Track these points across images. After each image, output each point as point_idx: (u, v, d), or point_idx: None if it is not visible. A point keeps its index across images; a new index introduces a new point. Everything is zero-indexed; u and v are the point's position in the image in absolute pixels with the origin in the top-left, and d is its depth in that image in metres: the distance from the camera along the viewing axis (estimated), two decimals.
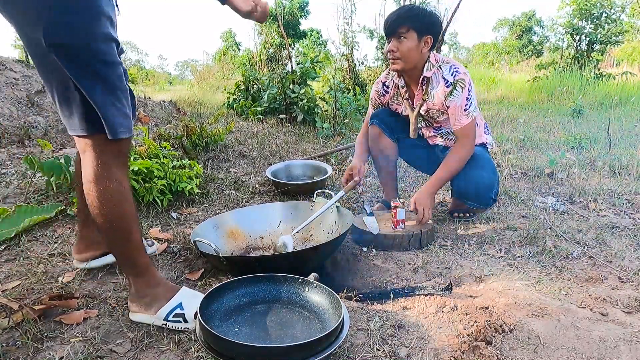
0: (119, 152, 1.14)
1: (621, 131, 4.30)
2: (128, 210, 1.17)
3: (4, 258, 1.69)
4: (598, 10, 9.00)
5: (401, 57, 1.91)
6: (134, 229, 1.20)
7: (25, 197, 2.24)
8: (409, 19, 1.86)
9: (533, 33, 27.36)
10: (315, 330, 1.21)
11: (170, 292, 1.28)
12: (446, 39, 6.54)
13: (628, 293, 1.44)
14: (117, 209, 1.15)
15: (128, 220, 1.17)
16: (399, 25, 1.87)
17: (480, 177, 1.98)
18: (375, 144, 2.20)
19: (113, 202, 1.13)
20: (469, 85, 1.90)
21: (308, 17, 21.73)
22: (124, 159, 1.17)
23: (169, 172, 2.28)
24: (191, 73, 16.98)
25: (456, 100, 1.89)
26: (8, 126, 3.31)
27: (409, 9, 1.90)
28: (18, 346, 1.16)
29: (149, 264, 1.27)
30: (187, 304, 1.25)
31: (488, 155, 2.10)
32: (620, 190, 2.59)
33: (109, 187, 1.12)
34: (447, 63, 1.94)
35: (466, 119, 1.91)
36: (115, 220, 1.16)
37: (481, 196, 2.03)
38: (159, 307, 1.24)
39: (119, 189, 1.14)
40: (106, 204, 1.13)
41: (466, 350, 1.14)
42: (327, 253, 1.73)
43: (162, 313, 1.23)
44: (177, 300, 1.26)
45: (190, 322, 1.23)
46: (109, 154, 1.12)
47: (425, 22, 1.87)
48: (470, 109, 1.90)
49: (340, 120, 4.51)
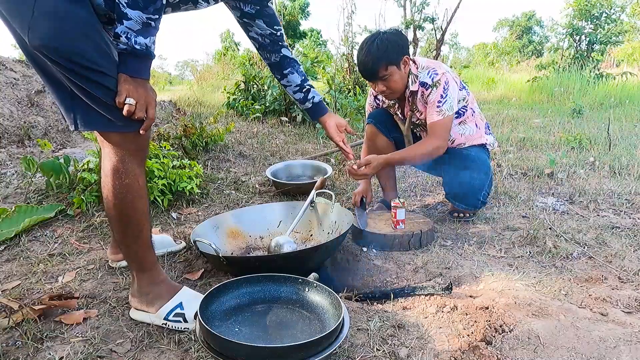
0: (136, 147, 1.15)
1: (621, 131, 4.30)
2: (141, 206, 1.18)
3: (4, 258, 1.69)
4: (598, 10, 9.01)
5: (393, 91, 1.94)
6: (145, 226, 1.20)
7: (25, 197, 2.24)
8: (382, 58, 1.84)
9: (533, 33, 27.37)
10: (315, 330, 1.21)
11: (172, 291, 1.28)
12: (446, 39, 6.54)
13: (628, 293, 1.44)
14: (131, 204, 1.15)
15: (140, 216, 1.18)
16: (376, 71, 1.87)
17: (469, 179, 1.99)
18: (372, 143, 2.22)
19: (127, 197, 1.14)
20: (445, 84, 1.89)
21: (308, 18, 21.76)
22: (142, 155, 1.18)
23: (169, 172, 2.29)
24: (191, 73, 16.96)
25: (431, 97, 1.91)
26: (8, 126, 3.31)
27: (375, 50, 1.85)
28: (18, 346, 1.16)
29: (155, 261, 1.28)
30: (187, 304, 1.25)
31: (484, 156, 2.10)
32: (620, 190, 2.59)
33: (125, 182, 1.13)
34: (426, 68, 1.94)
35: (437, 116, 1.91)
36: (127, 215, 1.16)
37: (469, 198, 2.05)
38: (160, 305, 1.24)
39: (135, 185, 1.15)
40: (120, 198, 1.14)
41: (466, 350, 1.14)
42: (327, 253, 1.73)
43: (163, 312, 1.23)
44: (178, 300, 1.26)
45: (190, 323, 1.23)
46: (126, 149, 1.13)
47: (395, 50, 1.86)
48: (443, 107, 1.90)
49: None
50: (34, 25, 0.98)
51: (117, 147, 1.12)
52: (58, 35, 0.99)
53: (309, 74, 5.33)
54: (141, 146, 1.17)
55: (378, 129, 2.17)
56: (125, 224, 1.18)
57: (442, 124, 1.92)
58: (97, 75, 1.03)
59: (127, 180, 1.13)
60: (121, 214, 1.16)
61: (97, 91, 1.05)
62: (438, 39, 6.24)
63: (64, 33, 1.00)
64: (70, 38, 1.01)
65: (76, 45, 1.01)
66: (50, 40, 0.99)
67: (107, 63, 1.05)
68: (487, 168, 2.06)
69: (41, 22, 0.98)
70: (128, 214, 1.17)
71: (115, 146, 1.12)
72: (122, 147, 1.12)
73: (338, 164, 3.39)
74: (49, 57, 1.01)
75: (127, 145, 1.13)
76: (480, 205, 2.10)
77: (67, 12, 1.00)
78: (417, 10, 6.82)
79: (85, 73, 1.03)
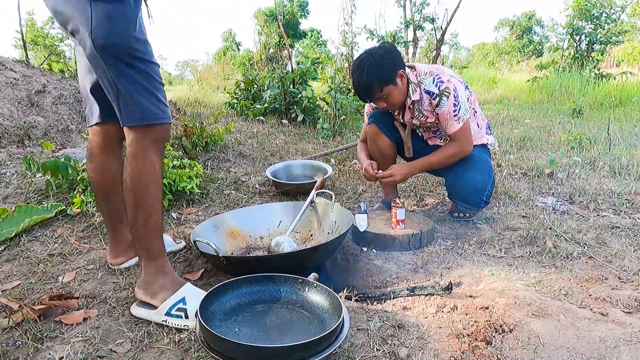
0: (155, 137, 1.27)
1: (621, 131, 4.30)
2: (154, 191, 1.28)
3: (4, 258, 1.69)
4: (598, 10, 9.00)
5: (394, 105, 1.95)
6: (155, 210, 1.29)
7: (25, 197, 2.24)
8: (375, 81, 1.84)
9: (533, 33, 27.37)
10: (315, 330, 1.21)
11: (177, 284, 1.31)
12: (446, 39, 6.53)
13: (628, 293, 1.44)
14: (144, 188, 1.26)
15: (152, 200, 1.27)
16: (372, 94, 1.87)
17: (472, 179, 2.00)
18: (374, 143, 2.21)
19: (142, 181, 1.25)
20: (454, 92, 1.88)
21: (308, 17, 21.74)
22: (160, 145, 1.30)
23: (169, 172, 2.29)
24: (191, 73, 16.98)
25: (444, 108, 1.90)
26: (8, 126, 3.31)
27: (367, 74, 1.83)
28: (18, 346, 1.16)
29: (163, 251, 1.33)
30: (190, 300, 1.26)
31: (485, 156, 2.10)
32: (620, 190, 2.59)
33: (142, 167, 1.25)
34: (429, 75, 1.93)
35: (457, 124, 1.92)
36: (140, 197, 1.26)
37: (472, 198, 2.05)
38: (165, 298, 1.26)
39: (151, 170, 1.26)
40: (136, 181, 1.25)
41: (466, 350, 1.14)
42: (327, 253, 1.73)
43: (167, 305, 1.25)
44: (182, 295, 1.27)
45: (190, 320, 1.23)
46: (147, 140, 1.26)
47: (388, 70, 1.84)
48: (460, 113, 1.90)
49: (340, 120, 4.52)
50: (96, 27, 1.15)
51: (140, 136, 1.25)
52: (114, 33, 1.16)
53: (309, 73, 5.33)
54: (160, 138, 1.29)
55: (380, 129, 2.16)
56: (137, 206, 1.27)
57: (464, 129, 1.93)
58: (143, 64, 1.21)
59: (145, 165, 1.25)
60: (135, 197, 1.26)
61: (144, 80, 1.22)
62: (438, 39, 6.24)
63: (118, 30, 1.17)
64: (121, 34, 1.17)
65: (127, 38, 1.18)
66: (108, 39, 1.16)
67: (148, 50, 1.23)
68: (489, 168, 2.06)
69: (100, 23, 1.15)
70: (141, 196, 1.26)
71: (139, 135, 1.25)
72: (144, 138, 1.25)
73: (338, 164, 3.39)
74: (110, 54, 1.17)
75: (150, 135, 1.26)
76: (483, 205, 2.10)
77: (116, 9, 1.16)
78: (417, 11, 6.82)
79: (136, 63, 1.20)
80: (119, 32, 1.17)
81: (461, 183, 2.02)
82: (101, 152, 1.49)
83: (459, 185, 2.04)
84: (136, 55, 1.20)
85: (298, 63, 6.13)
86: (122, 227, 1.58)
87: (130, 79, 1.21)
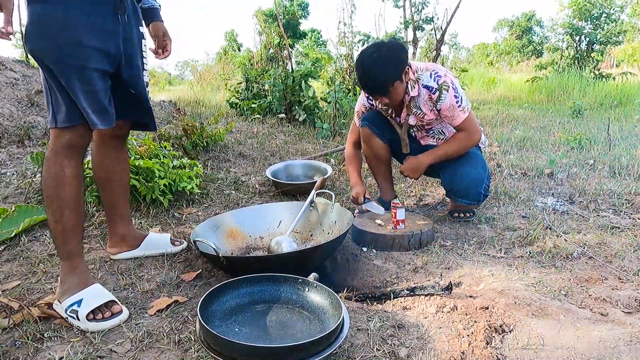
0: (67, 142, 1.29)
1: (621, 131, 4.30)
2: (63, 195, 1.29)
3: (4, 258, 1.69)
4: (598, 10, 9.01)
5: (395, 101, 1.95)
6: (64, 214, 1.30)
7: (25, 197, 2.24)
8: (388, 77, 1.83)
9: (533, 33, 27.36)
10: (315, 330, 1.21)
11: (82, 285, 1.31)
12: (446, 39, 6.52)
13: (628, 293, 1.44)
14: (52, 191, 1.29)
15: (61, 204, 1.29)
16: (381, 89, 1.86)
17: (468, 174, 2.01)
18: (367, 145, 2.22)
19: (51, 184, 1.29)
20: (452, 84, 1.91)
21: (308, 18, 21.75)
22: (74, 150, 1.31)
23: (169, 172, 2.28)
24: (191, 73, 16.97)
25: (446, 101, 1.91)
26: (8, 126, 3.31)
27: (379, 68, 1.82)
28: (18, 346, 1.16)
29: (75, 253, 1.34)
30: (86, 302, 1.26)
31: (477, 151, 2.13)
32: (620, 191, 2.59)
33: (51, 170, 1.28)
34: (426, 70, 1.94)
35: (463, 114, 1.93)
36: (49, 200, 1.30)
37: (471, 192, 2.05)
38: (66, 298, 1.28)
39: (60, 174, 1.28)
40: (46, 184, 1.29)
41: (466, 351, 1.14)
42: (327, 253, 1.73)
43: (64, 305, 1.27)
44: (80, 297, 1.28)
45: (82, 322, 1.23)
46: (58, 143, 1.29)
47: (398, 66, 1.84)
48: (463, 103, 1.92)
49: (340, 120, 4.52)
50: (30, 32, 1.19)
51: (53, 139, 1.30)
52: (42, 36, 1.19)
53: (309, 73, 5.32)
54: (72, 141, 1.30)
55: (372, 131, 2.16)
56: (47, 207, 1.31)
57: (470, 118, 1.96)
58: (74, 70, 1.22)
59: (54, 169, 1.28)
60: (46, 198, 1.31)
61: (71, 86, 1.23)
62: (438, 39, 6.23)
63: (46, 34, 1.19)
64: (50, 38, 1.19)
65: (55, 42, 1.20)
66: (35, 44, 1.20)
67: (84, 54, 1.22)
68: (483, 162, 2.09)
69: (30, 26, 1.18)
70: (50, 199, 1.29)
71: (52, 139, 1.30)
72: (55, 142, 1.29)
73: (338, 164, 3.39)
74: (39, 59, 1.21)
75: (60, 140, 1.29)
76: (482, 198, 2.10)
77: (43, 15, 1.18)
78: (416, 11, 6.81)
79: (64, 69, 1.22)
80: (47, 36, 1.19)
81: (458, 178, 2.04)
82: (96, 146, 1.56)
83: (456, 181, 2.05)
84: (65, 61, 1.20)
85: (298, 63, 6.12)
86: (117, 219, 1.66)
87: (56, 83, 1.24)
